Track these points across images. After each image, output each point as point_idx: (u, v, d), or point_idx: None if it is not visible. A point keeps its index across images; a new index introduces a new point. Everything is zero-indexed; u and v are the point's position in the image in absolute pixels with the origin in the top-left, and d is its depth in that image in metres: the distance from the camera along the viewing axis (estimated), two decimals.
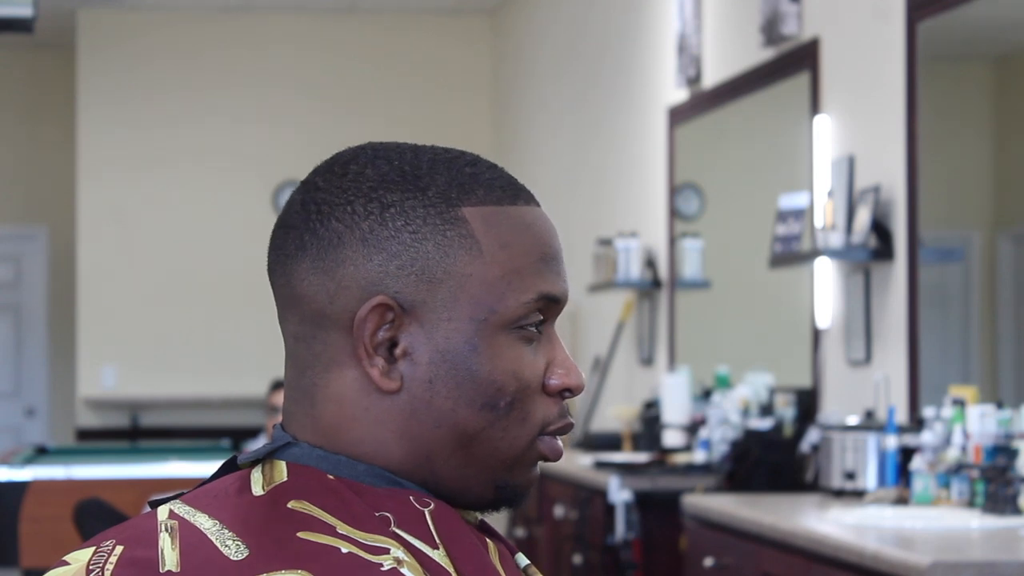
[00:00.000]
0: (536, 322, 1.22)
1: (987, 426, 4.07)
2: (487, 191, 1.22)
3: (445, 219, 1.20)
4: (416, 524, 1.18)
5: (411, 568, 1.14)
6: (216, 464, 8.01)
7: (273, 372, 8.05)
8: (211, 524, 1.17)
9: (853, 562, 3.58)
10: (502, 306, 1.20)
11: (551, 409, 1.24)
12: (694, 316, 6.72)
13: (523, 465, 1.24)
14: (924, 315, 4.71)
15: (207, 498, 1.20)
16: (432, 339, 1.20)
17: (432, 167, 1.22)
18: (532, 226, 1.23)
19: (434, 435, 1.20)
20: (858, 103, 5.15)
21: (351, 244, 1.20)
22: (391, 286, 1.19)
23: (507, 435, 1.21)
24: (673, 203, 6.82)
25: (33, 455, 8.25)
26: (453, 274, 1.20)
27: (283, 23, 10.27)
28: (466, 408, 1.20)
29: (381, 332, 1.19)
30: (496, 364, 1.20)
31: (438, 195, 1.21)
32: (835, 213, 4.97)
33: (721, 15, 6.30)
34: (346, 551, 1.14)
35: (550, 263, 1.23)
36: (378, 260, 1.19)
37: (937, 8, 4.62)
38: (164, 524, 1.18)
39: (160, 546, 1.16)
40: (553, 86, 8.99)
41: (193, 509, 1.19)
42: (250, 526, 1.17)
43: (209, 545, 1.15)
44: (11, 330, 11.40)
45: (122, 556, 1.16)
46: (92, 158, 10.14)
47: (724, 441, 5.47)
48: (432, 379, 1.20)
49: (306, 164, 6.72)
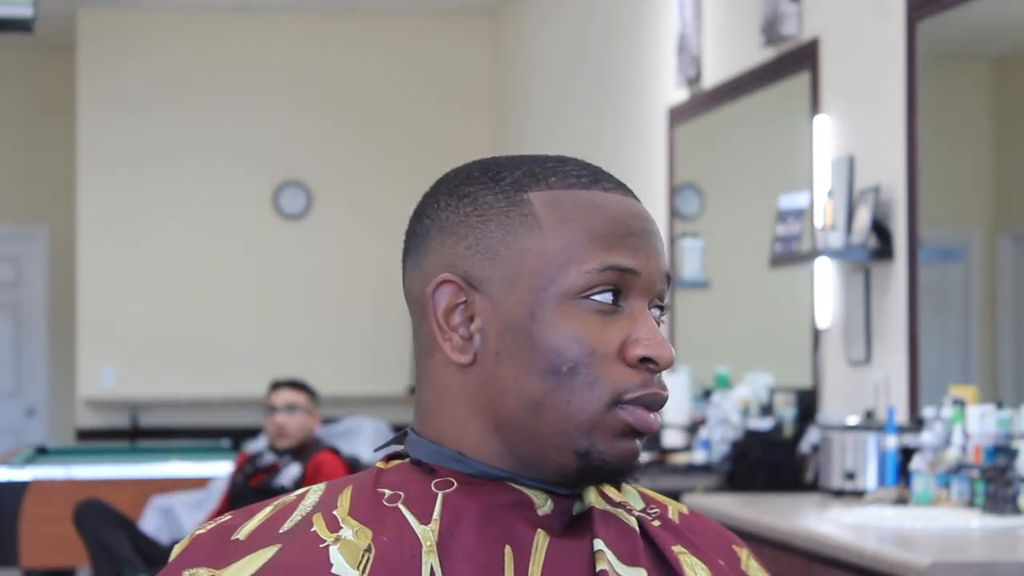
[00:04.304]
0: (609, 292, 1.24)
1: (987, 426, 4.07)
2: (560, 178, 1.28)
3: (511, 202, 1.26)
4: (424, 503, 1.23)
5: (345, 547, 1.21)
6: (214, 464, 8.01)
7: (273, 372, 8.04)
8: (312, 501, 1.28)
9: (853, 562, 3.58)
10: (563, 276, 1.24)
11: (630, 378, 1.25)
12: (694, 316, 6.72)
13: (604, 432, 1.24)
14: (924, 315, 4.71)
15: (346, 479, 1.31)
16: (499, 313, 1.25)
17: (513, 163, 1.30)
18: (602, 205, 1.26)
19: (502, 405, 1.25)
20: (858, 103, 5.15)
21: (434, 235, 1.28)
22: (460, 266, 1.26)
23: (574, 399, 1.23)
24: (673, 203, 6.82)
25: (33, 455, 8.25)
26: (514, 250, 1.25)
27: (283, 23, 10.27)
28: (528, 375, 1.24)
29: (458, 312, 1.26)
30: (557, 331, 1.23)
31: (510, 184, 1.27)
32: (835, 213, 4.97)
33: (721, 15, 6.30)
34: (313, 528, 1.23)
35: (624, 238, 1.25)
36: (450, 244, 1.27)
37: (937, 8, 4.62)
38: (283, 500, 1.29)
39: (256, 516, 1.27)
40: (553, 86, 8.99)
41: (324, 487, 1.30)
42: (317, 508, 1.27)
43: (278, 523, 1.26)
44: (11, 330, 11.39)
45: (222, 522, 1.27)
46: (92, 158, 10.14)
47: (724, 441, 5.47)
48: (499, 351, 1.25)
49: (306, 164, 6.78)
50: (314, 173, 10.22)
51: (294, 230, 10.27)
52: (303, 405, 6.12)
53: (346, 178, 10.19)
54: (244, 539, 1.24)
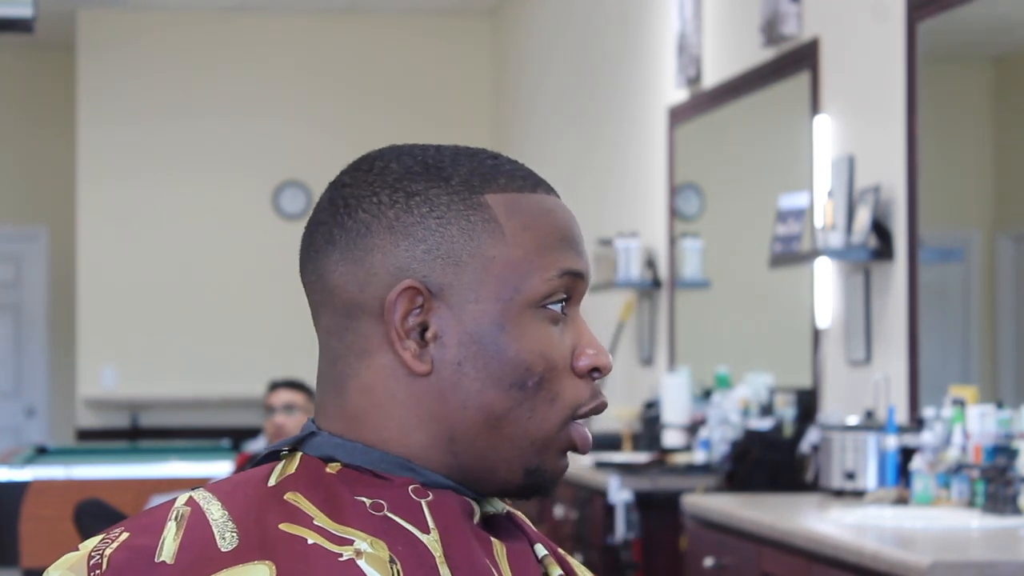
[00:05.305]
0: (561, 300, 1.24)
1: (987, 426, 4.07)
2: (508, 179, 1.25)
3: (468, 205, 1.23)
4: (411, 511, 1.19)
5: (371, 559, 1.15)
6: (214, 464, 8.01)
7: (272, 372, 8.04)
8: (220, 515, 1.19)
9: (853, 562, 3.57)
10: (527, 285, 1.22)
11: (582, 390, 1.25)
12: (694, 316, 6.72)
13: (553, 450, 1.24)
14: (924, 315, 4.71)
15: (231, 486, 1.23)
16: (460, 321, 1.22)
17: (454, 159, 1.25)
18: (552, 211, 1.26)
19: (461, 416, 1.22)
20: (858, 103, 5.15)
21: (378, 233, 1.22)
22: (418, 270, 1.21)
23: (536, 415, 1.23)
24: (673, 203, 6.82)
25: (33, 455, 8.25)
26: (478, 256, 1.22)
27: (283, 23, 10.27)
28: (494, 388, 1.21)
29: (412, 316, 1.22)
30: (523, 344, 1.22)
31: (461, 183, 1.23)
32: (835, 213, 4.97)
33: (721, 15, 6.30)
34: (311, 542, 1.16)
35: (571, 243, 1.25)
36: (405, 246, 1.22)
37: (937, 8, 4.62)
38: (176, 511, 1.20)
39: (163, 535, 1.18)
40: (553, 86, 8.99)
41: (212, 497, 1.21)
42: (250, 517, 1.19)
43: (209, 536, 1.17)
44: (11, 330, 11.40)
45: (124, 542, 1.18)
46: (92, 158, 10.14)
47: (724, 441, 5.47)
48: (461, 361, 1.21)
49: (306, 164, 6.78)
50: (314, 173, 10.22)
51: (294, 230, 10.26)
52: (302, 405, 6.12)
53: None
54: (172, 563, 1.15)
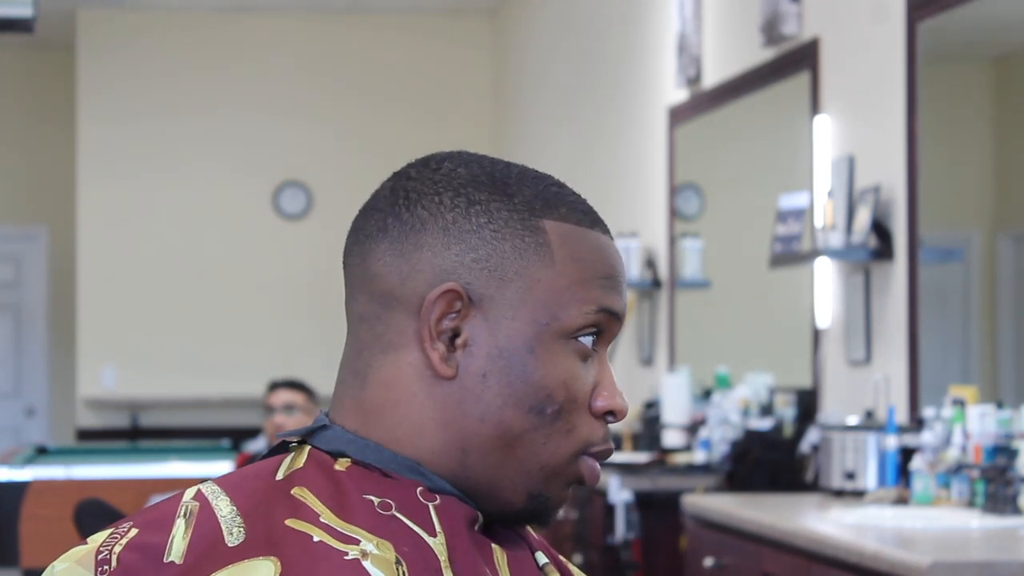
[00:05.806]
0: (593, 335, 1.25)
1: (987, 426, 4.07)
2: (569, 210, 1.27)
3: (526, 226, 1.24)
4: (419, 513, 1.19)
5: (376, 561, 1.15)
6: (214, 464, 8.01)
7: (272, 372, 8.04)
8: (228, 510, 1.19)
9: (853, 562, 3.57)
10: (565, 314, 1.23)
11: (596, 430, 1.26)
12: (694, 316, 6.71)
13: (560, 480, 1.25)
14: (924, 315, 4.71)
15: (239, 479, 1.23)
16: (493, 334, 1.22)
17: (520, 179, 1.27)
18: (604, 249, 1.27)
19: (476, 428, 1.22)
20: (858, 103, 5.15)
21: (432, 231, 1.23)
22: (463, 276, 1.22)
23: (549, 443, 1.23)
24: (673, 203, 6.82)
25: (33, 455, 8.25)
26: (524, 276, 1.23)
27: (283, 23, 10.27)
28: (514, 408, 1.22)
29: (447, 319, 1.22)
30: (549, 370, 1.23)
31: (523, 203, 1.25)
32: (835, 213, 4.97)
33: (721, 15, 6.30)
34: (317, 539, 1.16)
35: (615, 284, 1.26)
36: (456, 250, 1.22)
37: (937, 8, 4.62)
38: (185, 507, 1.20)
39: (172, 533, 1.18)
40: (553, 86, 8.99)
41: (220, 491, 1.21)
42: (257, 512, 1.19)
43: (216, 533, 1.17)
44: (11, 330, 11.40)
45: (133, 540, 1.18)
46: (92, 158, 10.14)
47: (724, 441, 5.47)
48: (486, 373, 1.22)
49: (306, 164, 6.79)
50: (314, 173, 10.22)
51: (294, 230, 10.27)
52: (301, 405, 6.12)
53: (346, 178, 10.19)
54: (180, 563, 1.16)
